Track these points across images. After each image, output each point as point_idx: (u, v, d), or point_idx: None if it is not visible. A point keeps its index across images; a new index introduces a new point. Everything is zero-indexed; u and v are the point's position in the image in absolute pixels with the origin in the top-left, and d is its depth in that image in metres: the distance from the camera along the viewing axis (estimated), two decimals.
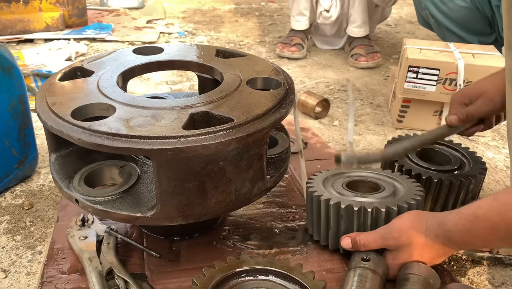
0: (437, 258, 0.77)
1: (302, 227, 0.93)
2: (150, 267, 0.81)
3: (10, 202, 1.07)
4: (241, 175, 0.69)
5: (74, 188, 0.76)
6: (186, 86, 1.81)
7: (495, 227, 0.67)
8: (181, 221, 0.69)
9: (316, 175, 0.91)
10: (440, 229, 0.74)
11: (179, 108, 0.69)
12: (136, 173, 0.80)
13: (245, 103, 0.71)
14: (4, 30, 2.21)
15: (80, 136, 0.62)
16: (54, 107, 0.70)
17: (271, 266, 0.74)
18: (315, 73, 2.00)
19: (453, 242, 0.74)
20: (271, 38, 2.49)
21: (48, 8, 2.31)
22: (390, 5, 2.18)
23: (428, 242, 0.75)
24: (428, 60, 1.38)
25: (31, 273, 0.86)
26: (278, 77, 0.82)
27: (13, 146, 1.07)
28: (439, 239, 0.74)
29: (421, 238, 0.76)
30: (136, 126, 0.63)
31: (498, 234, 0.68)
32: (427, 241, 0.75)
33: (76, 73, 0.85)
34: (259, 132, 0.66)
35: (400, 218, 0.79)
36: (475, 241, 0.74)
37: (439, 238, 0.74)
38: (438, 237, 0.75)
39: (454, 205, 1.01)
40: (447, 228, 0.74)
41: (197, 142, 0.61)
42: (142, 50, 0.95)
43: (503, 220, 0.66)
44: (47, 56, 1.95)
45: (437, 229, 0.75)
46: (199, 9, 3.17)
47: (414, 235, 0.77)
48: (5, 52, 1.01)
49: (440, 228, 0.74)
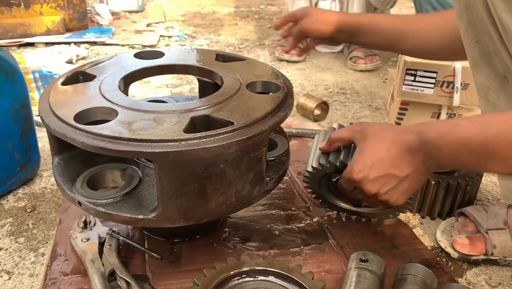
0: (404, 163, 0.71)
1: (302, 228, 0.94)
2: (152, 268, 0.82)
3: (13, 205, 1.08)
4: (241, 177, 0.70)
5: (76, 190, 0.77)
6: (186, 90, 1.82)
7: (471, 138, 0.64)
8: (182, 223, 0.70)
9: None
10: (415, 127, 0.71)
11: (180, 112, 0.70)
12: (137, 175, 0.81)
13: (244, 106, 0.72)
14: (5, 34, 2.23)
15: (83, 140, 0.63)
16: (57, 111, 0.71)
17: (271, 267, 0.75)
18: (314, 76, 2.02)
19: (424, 141, 0.69)
20: (271, 41, 2.50)
21: (49, 12, 2.33)
22: (388, 8, 2.20)
23: (399, 136, 0.72)
24: (426, 63, 1.39)
25: (34, 274, 0.87)
26: (277, 81, 0.83)
27: (16, 149, 1.09)
28: (411, 135, 0.70)
29: (391, 131, 0.73)
30: (138, 130, 0.64)
31: (470, 147, 0.65)
32: (398, 134, 0.72)
33: (79, 78, 0.87)
34: (259, 135, 0.67)
35: None
36: (445, 147, 0.67)
37: (412, 134, 0.70)
38: (410, 133, 0.71)
39: (452, 206, 1.02)
40: (423, 127, 0.70)
41: (197, 146, 0.62)
42: (143, 54, 0.96)
43: (481, 134, 0.64)
44: (48, 60, 1.96)
45: (412, 127, 0.72)
46: (198, 12, 3.19)
47: (385, 127, 0.75)
48: (7, 57, 1.03)
49: (416, 126, 0.71)
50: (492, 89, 0.81)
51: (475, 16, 0.78)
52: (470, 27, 0.80)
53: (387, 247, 0.90)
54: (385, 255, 0.86)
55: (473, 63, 0.83)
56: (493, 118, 0.65)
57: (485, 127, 0.64)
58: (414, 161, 0.71)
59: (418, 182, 0.74)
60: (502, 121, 0.63)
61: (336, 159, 0.83)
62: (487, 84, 0.82)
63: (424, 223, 1.03)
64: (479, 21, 0.77)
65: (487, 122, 0.64)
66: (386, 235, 0.93)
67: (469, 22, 0.80)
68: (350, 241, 0.91)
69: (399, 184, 0.73)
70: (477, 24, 0.78)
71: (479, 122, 0.65)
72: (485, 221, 0.91)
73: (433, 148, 0.68)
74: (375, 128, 0.76)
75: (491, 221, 0.91)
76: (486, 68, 0.80)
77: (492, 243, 0.89)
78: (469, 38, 0.81)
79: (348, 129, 0.81)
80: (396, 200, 0.76)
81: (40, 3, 2.29)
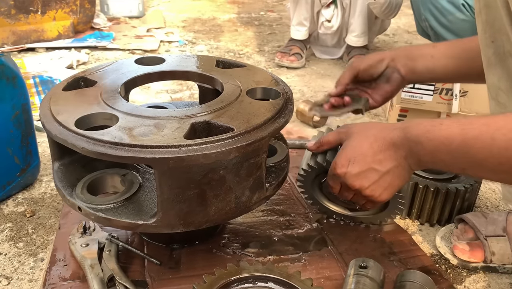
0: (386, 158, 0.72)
1: (301, 234, 0.94)
2: (151, 274, 0.82)
3: (12, 210, 1.08)
4: (241, 183, 0.70)
5: (77, 195, 0.77)
6: (186, 95, 1.82)
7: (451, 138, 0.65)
8: (182, 228, 0.70)
9: None
10: (400, 124, 0.73)
11: (180, 118, 0.70)
12: (137, 181, 0.81)
13: (245, 113, 0.72)
14: (19, 41, 2.25)
15: (84, 146, 0.64)
16: (58, 116, 0.71)
17: (270, 273, 0.75)
18: (314, 82, 2.02)
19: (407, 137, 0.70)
20: (270, 48, 2.51)
21: (61, 17, 2.36)
22: (390, 18, 2.21)
23: (383, 132, 0.73)
24: None
25: (33, 279, 0.87)
26: (277, 88, 0.84)
27: (16, 154, 1.09)
28: (396, 132, 0.71)
29: (376, 128, 0.75)
30: (139, 136, 0.65)
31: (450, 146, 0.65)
32: (382, 131, 0.73)
33: (79, 83, 0.87)
34: (259, 141, 0.67)
35: None
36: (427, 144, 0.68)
37: (396, 130, 0.71)
38: (395, 130, 0.72)
39: (451, 213, 1.02)
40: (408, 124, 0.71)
41: (198, 152, 0.63)
42: (144, 60, 0.96)
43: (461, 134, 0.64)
44: (49, 65, 1.97)
45: (397, 124, 0.73)
46: (199, 18, 3.20)
47: (370, 125, 0.76)
48: (9, 62, 1.03)
49: (401, 123, 0.73)
50: (503, 90, 0.81)
51: (494, 15, 0.78)
52: (488, 26, 0.80)
53: (386, 254, 0.90)
54: (384, 261, 0.86)
55: (487, 63, 0.83)
56: (475, 120, 0.65)
57: (466, 128, 0.64)
58: (396, 156, 0.72)
59: (400, 178, 0.75)
60: (483, 123, 0.63)
61: (323, 160, 0.87)
62: (498, 84, 0.82)
63: (423, 230, 1.03)
64: (498, 20, 0.77)
65: (469, 123, 0.64)
66: (385, 242, 0.93)
67: (487, 21, 0.80)
68: (349, 247, 0.91)
69: (380, 178, 0.74)
70: (495, 24, 0.78)
71: (461, 123, 0.65)
72: (484, 227, 0.91)
73: (415, 145, 0.69)
74: (360, 127, 0.78)
75: (490, 227, 0.91)
76: (499, 69, 0.80)
77: (491, 250, 0.89)
78: (485, 37, 0.81)
79: (334, 132, 0.84)
80: (380, 196, 0.77)
81: (55, 9, 2.31)
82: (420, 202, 1.02)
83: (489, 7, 0.79)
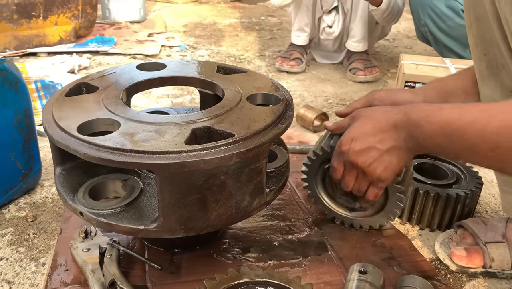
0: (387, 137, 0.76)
1: (301, 239, 0.94)
2: (152, 279, 0.82)
3: (14, 214, 1.08)
4: (241, 189, 0.70)
5: (78, 201, 0.77)
6: (187, 100, 1.83)
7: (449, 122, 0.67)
8: (182, 233, 0.70)
9: None
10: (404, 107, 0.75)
11: (181, 123, 0.71)
12: (139, 186, 0.81)
13: (245, 118, 0.73)
14: (21, 46, 2.26)
15: (86, 151, 0.64)
16: (61, 122, 0.72)
17: (271, 278, 0.76)
18: (314, 87, 2.03)
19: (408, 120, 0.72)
20: (271, 52, 2.52)
21: (63, 22, 2.37)
22: (391, 24, 2.21)
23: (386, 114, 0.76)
24: (424, 76, 1.40)
25: (34, 284, 0.87)
26: (277, 93, 0.84)
27: (18, 159, 1.09)
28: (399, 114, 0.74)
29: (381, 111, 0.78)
30: (140, 141, 0.65)
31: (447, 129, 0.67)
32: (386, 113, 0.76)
33: (82, 89, 0.88)
34: (259, 147, 0.68)
35: None
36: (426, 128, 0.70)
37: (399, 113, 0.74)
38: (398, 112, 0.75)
39: (451, 219, 1.03)
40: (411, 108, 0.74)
41: (199, 157, 0.63)
42: (145, 66, 0.97)
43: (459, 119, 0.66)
44: (50, 70, 1.98)
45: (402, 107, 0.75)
46: (200, 23, 3.22)
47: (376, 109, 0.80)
48: (11, 68, 1.04)
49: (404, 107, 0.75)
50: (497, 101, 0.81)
51: (485, 29, 0.78)
52: (479, 39, 0.81)
53: (386, 259, 0.90)
54: (384, 266, 0.86)
55: (480, 76, 0.83)
56: (474, 106, 0.67)
57: (464, 113, 0.65)
58: (397, 137, 0.75)
59: (399, 158, 0.78)
60: (481, 109, 0.65)
61: (328, 146, 0.91)
62: (493, 97, 0.82)
63: (423, 235, 1.03)
64: (489, 34, 0.77)
65: (468, 109, 0.66)
66: (385, 247, 0.94)
67: (478, 35, 0.81)
68: (349, 252, 0.91)
69: (380, 156, 0.77)
70: (486, 37, 0.79)
71: (461, 108, 0.67)
72: (483, 233, 0.92)
73: (415, 128, 0.72)
74: (367, 111, 0.82)
75: (490, 234, 0.91)
76: (493, 82, 0.81)
77: (490, 256, 0.89)
78: (477, 51, 0.82)
79: (347, 118, 0.87)
80: (380, 175, 0.79)
81: (57, 14, 2.33)
82: (420, 207, 1.02)
83: (480, 20, 0.79)
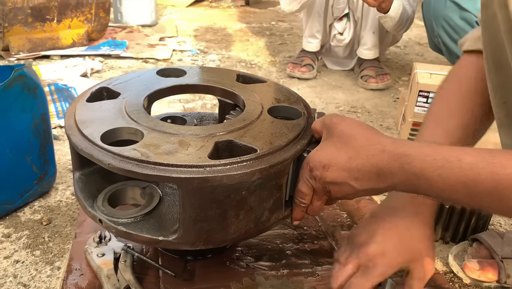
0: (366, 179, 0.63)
1: (314, 248, 0.94)
2: (166, 285, 0.82)
3: (29, 217, 1.09)
4: (261, 204, 0.70)
5: (98, 208, 0.78)
6: (198, 105, 1.84)
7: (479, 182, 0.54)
8: (201, 246, 0.71)
9: None
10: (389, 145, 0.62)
11: (204, 136, 0.71)
12: (157, 194, 0.82)
13: (267, 133, 0.73)
14: (35, 49, 2.28)
15: (111, 162, 0.65)
16: (84, 130, 0.72)
17: (286, 288, 0.76)
18: (325, 93, 2.03)
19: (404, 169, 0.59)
20: (282, 58, 2.53)
21: (76, 25, 2.40)
22: (401, 33, 2.21)
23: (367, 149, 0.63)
24: None
25: (50, 288, 0.88)
26: (298, 106, 0.84)
27: (34, 163, 1.10)
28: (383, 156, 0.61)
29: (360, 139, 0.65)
30: (164, 154, 0.65)
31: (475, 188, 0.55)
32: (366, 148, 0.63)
33: (103, 94, 0.87)
34: (281, 163, 0.67)
35: None
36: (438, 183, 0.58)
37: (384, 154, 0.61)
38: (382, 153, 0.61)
39: (465, 231, 1.03)
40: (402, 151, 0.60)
41: (222, 172, 0.63)
42: (165, 72, 0.97)
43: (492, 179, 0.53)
44: (64, 73, 1.99)
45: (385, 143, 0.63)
46: (210, 28, 3.22)
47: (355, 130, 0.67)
48: (31, 73, 1.05)
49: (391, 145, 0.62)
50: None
51: (505, 75, 0.72)
52: (499, 87, 0.75)
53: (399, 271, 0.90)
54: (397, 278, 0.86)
55: (499, 123, 0.78)
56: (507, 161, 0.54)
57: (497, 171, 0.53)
58: (378, 181, 0.63)
59: None
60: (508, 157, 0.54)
61: None
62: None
63: (437, 247, 1.03)
64: (510, 81, 0.71)
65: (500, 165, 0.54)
66: None
67: (498, 82, 0.74)
68: None
69: (355, 194, 0.67)
70: (507, 84, 0.73)
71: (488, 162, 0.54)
72: (500, 248, 0.92)
73: (417, 179, 0.59)
74: (343, 130, 0.68)
75: (507, 248, 0.91)
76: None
77: (506, 272, 0.89)
78: (497, 98, 0.76)
79: (318, 122, 0.76)
80: None
81: (71, 17, 2.36)
82: (434, 219, 1.02)
83: (500, 66, 0.73)
